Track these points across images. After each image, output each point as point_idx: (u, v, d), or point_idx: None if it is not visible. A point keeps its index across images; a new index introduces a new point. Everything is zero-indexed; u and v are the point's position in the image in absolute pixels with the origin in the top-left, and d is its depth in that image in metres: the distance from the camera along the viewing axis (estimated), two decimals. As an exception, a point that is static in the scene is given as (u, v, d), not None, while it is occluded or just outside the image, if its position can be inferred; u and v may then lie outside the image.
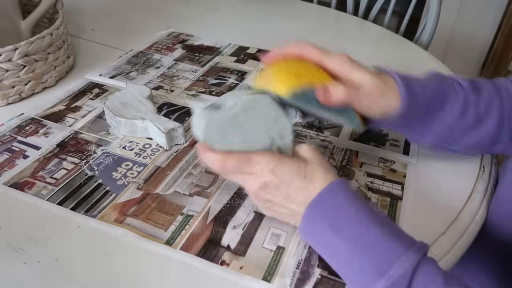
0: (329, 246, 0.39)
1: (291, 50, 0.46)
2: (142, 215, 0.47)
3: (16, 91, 0.64)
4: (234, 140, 0.42)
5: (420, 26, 1.03)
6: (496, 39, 1.94)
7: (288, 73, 0.43)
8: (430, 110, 0.47)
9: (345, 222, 0.38)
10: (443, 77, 0.50)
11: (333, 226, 0.39)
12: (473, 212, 0.49)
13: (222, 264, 0.43)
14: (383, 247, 0.36)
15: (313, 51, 0.45)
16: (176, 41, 0.85)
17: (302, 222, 0.41)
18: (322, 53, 0.45)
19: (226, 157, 0.41)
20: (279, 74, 0.43)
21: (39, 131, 0.59)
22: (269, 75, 0.44)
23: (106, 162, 0.54)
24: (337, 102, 0.42)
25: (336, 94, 0.42)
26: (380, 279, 0.35)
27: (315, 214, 0.40)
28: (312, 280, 0.41)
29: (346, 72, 0.44)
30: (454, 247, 0.46)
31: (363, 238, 0.37)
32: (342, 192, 0.40)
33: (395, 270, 0.35)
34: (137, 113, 0.59)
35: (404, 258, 0.35)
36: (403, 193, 0.52)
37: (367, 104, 0.44)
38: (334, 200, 0.40)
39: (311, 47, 0.45)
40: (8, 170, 0.53)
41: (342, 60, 0.45)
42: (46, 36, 0.65)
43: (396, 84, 0.45)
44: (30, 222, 0.46)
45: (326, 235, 0.39)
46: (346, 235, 0.38)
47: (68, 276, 0.41)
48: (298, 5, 1.08)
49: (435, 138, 0.50)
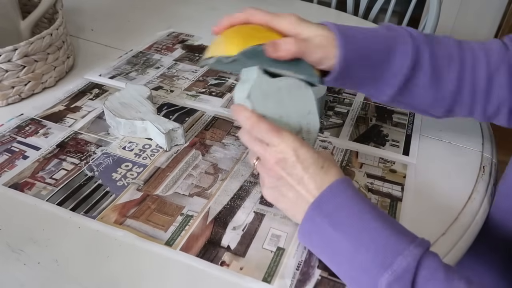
0: (331, 245, 0.39)
1: (238, 17, 0.47)
2: (142, 217, 0.47)
3: (15, 91, 0.64)
4: (269, 110, 0.44)
5: (420, 26, 1.03)
6: (496, 39, 1.94)
7: (237, 35, 0.45)
8: (376, 60, 0.46)
9: (347, 220, 0.39)
10: (393, 28, 0.49)
11: (335, 225, 0.39)
12: (473, 213, 0.49)
13: (222, 264, 0.43)
14: (385, 243, 0.36)
15: (260, 15, 0.46)
16: (176, 41, 0.85)
17: (304, 222, 0.41)
18: (270, 15, 0.46)
19: (260, 118, 0.43)
20: (228, 37, 0.45)
21: (38, 132, 0.59)
22: (220, 40, 0.45)
23: (106, 162, 0.54)
24: (287, 54, 0.43)
25: (286, 46, 0.43)
26: (384, 274, 0.35)
27: (317, 213, 0.40)
28: (312, 281, 0.41)
29: (295, 30, 0.45)
30: (454, 247, 0.46)
31: (365, 235, 0.37)
32: (345, 190, 0.40)
33: (398, 264, 0.35)
34: (136, 113, 0.58)
35: (407, 252, 0.35)
36: (403, 194, 0.52)
37: (318, 56, 0.44)
38: (336, 199, 0.40)
39: (257, 11, 0.46)
40: (8, 171, 0.53)
41: (291, 19, 0.45)
42: (45, 36, 0.65)
43: (334, 35, 0.45)
44: (30, 223, 0.46)
45: (328, 234, 0.39)
46: (347, 232, 0.38)
47: (68, 277, 0.41)
48: (298, 5, 1.08)
49: (393, 95, 0.48)
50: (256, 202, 0.50)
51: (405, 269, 0.34)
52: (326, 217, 0.39)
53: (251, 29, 0.46)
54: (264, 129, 0.42)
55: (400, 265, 0.35)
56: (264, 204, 0.49)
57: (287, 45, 0.43)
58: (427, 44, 0.47)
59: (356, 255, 0.37)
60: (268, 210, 0.49)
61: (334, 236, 0.39)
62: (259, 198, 0.50)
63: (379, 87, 0.48)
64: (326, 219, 0.39)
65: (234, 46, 0.43)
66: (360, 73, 0.47)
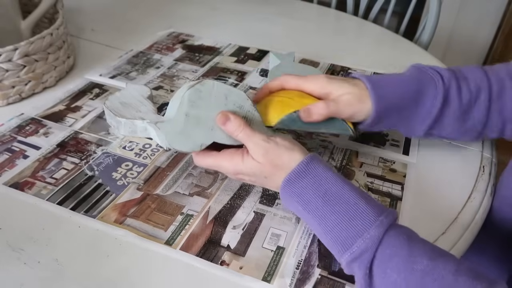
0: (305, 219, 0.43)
1: (273, 85, 0.51)
2: (142, 216, 0.47)
3: (16, 91, 0.65)
4: (198, 137, 0.45)
5: (420, 26, 1.03)
6: (496, 39, 1.94)
7: (273, 105, 0.49)
8: (406, 105, 0.50)
9: (314, 203, 0.41)
10: (422, 71, 0.52)
11: (304, 205, 0.41)
12: (473, 212, 0.49)
13: (222, 264, 0.43)
14: (347, 225, 0.38)
15: (293, 81, 0.50)
16: (176, 41, 0.85)
17: (281, 197, 0.44)
18: (301, 80, 0.50)
19: (198, 159, 0.47)
20: (266, 109, 0.49)
21: (39, 131, 0.59)
22: (260, 111, 0.48)
23: (106, 162, 0.55)
24: (319, 118, 0.47)
25: (317, 111, 0.47)
26: (343, 254, 0.38)
27: (288, 193, 0.43)
28: (312, 280, 0.41)
29: (325, 90, 0.49)
30: (454, 247, 0.46)
31: (329, 217, 0.40)
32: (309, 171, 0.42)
33: (358, 246, 0.37)
34: (137, 113, 0.58)
35: (366, 234, 0.37)
36: (403, 193, 0.52)
37: (349, 113, 0.48)
38: (301, 182, 0.42)
39: (290, 78, 0.51)
40: (8, 170, 0.53)
41: (320, 81, 0.50)
42: (46, 36, 0.65)
43: (366, 87, 0.49)
44: (30, 222, 0.46)
45: (299, 211, 0.43)
46: (314, 214, 0.41)
47: (68, 276, 0.41)
48: (298, 5, 1.08)
49: (425, 130, 0.52)
50: (256, 202, 0.50)
51: (364, 250, 0.37)
52: (295, 195, 0.42)
53: (286, 97, 0.50)
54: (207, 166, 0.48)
55: (359, 247, 0.37)
56: (264, 203, 0.49)
57: (319, 110, 0.47)
58: (455, 81, 0.50)
59: (324, 236, 0.40)
60: (268, 210, 0.49)
61: (305, 215, 0.42)
62: (259, 198, 0.50)
63: (410, 127, 0.52)
64: (295, 198, 0.42)
65: (272, 117, 0.48)
66: (391, 119, 0.51)
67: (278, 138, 0.44)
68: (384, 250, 0.36)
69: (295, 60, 0.73)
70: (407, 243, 0.36)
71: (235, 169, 0.45)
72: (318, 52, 0.82)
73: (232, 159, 0.45)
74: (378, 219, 0.38)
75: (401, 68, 0.55)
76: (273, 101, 0.49)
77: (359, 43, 0.91)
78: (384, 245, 0.37)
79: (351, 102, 0.48)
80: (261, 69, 0.76)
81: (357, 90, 0.49)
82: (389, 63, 0.80)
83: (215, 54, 0.81)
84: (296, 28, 0.94)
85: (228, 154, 0.45)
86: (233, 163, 0.45)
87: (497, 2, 1.84)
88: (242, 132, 0.44)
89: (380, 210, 0.39)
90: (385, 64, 0.80)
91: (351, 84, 0.49)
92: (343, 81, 0.50)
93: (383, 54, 0.86)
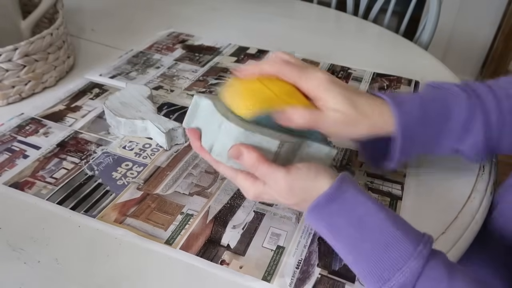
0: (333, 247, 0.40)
1: (267, 69, 0.43)
2: (142, 216, 0.47)
3: (16, 91, 0.65)
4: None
5: (420, 26, 1.03)
6: (496, 39, 1.94)
7: (254, 94, 0.41)
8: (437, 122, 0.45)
9: (345, 230, 0.38)
10: (439, 88, 0.48)
11: (333, 232, 0.39)
12: (473, 212, 0.49)
13: (222, 263, 0.43)
14: (383, 257, 0.36)
15: (289, 73, 0.42)
16: (176, 41, 0.85)
17: (307, 217, 0.41)
18: (298, 73, 0.42)
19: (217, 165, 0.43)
20: (245, 94, 0.42)
21: (39, 131, 0.59)
22: (237, 90, 0.42)
23: (106, 162, 0.55)
24: (297, 127, 0.41)
25: (297, 120, 0.40)
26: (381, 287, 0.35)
27: (314, 218, 0.40)
28: (312, 279, 0.41)
29: (320, 95, 0.42)
30: (454, 246, 0.46)
31: (363, 245, 0.37)
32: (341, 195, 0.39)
33: (397, 279, 0.35)
34: (137, 113, 0.59)
35: (405, 268, 0.35)
36: (402, 193, 0.52)
37: (333, 132, 0.43)
38: (330, 207, 0.38)
39: (287, 67, 0.42)
40: (8, 170, 0.53)
41: (318, 82, 0.42)
42: (46, 36, 0.65)
43: (387, 105, 0.43)
44: (30, 222, 0.46)
45: (328, 238, 0.40)
46: (345, 242, 0.38)
47: (68, 276, 0.41)
48: (298, 5, 1.08)
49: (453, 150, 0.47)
50: (256, 201, 0.50)
51: (402, 284, 0.34)
52: (323, 221, 0.39)
53: (273, 91, 0.42)
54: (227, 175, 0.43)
55: (398, 280, 0.34)
56: (264, 203, 0.49)
57: (299, 119, 0.40)
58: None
59: (355, 265, 0.38)
60: (268, 209, 0.49)
61: (333, 244, 0.39)
62: (259, 197, 0.50)
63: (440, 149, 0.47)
64: (323, 223, 0.39)
65: (247, 108, 0.40)
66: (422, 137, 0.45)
67: (301, 168, 0.40)
68: (423, 283, 0.34)
69: None
70: (446, 276, 0.35)
71: (255, 195, 0.41)
72: (318, 52, 0.82)
73: (254, 183, 0.41)
74: (417, 249, 0.35)
75: (401, 68, 0.55)
76: (255, 87, 0.42)
77: (359, 43, 0.91)
78: (423, 278, 0.34)
79: (337, 122, 0.42)
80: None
81: (353, 111, 0.41)
82: (389, 63, 0.80)
83: (215, 54, 0.81)
84: (296, 28, 0.94)
85: (251, 178, 0.41)
86: (254, 188, 0.41)
87: (497, 2, 1.84)
88: (258, 170, 0.40)
89: (417, 238, 0.36)
90: (385, 64, 0.79)
91: (351, 102, 0.42)
92: (345, 94, 0.42)
93: (383, 54, 0.86)
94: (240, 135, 0.39)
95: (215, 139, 0.41)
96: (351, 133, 0.43)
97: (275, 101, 0.41)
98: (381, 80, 0.73)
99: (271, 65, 0.43)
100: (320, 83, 0.42)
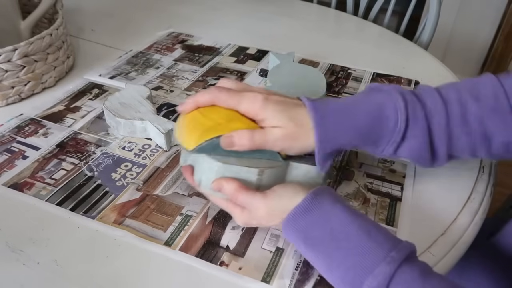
0: (307, 256, 0.41)
1: (201, 100, 0.43)
2: (141, 217, 0.47)
3: (15, 91, 0.64)
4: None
5: (420, 26, 1.03)
6: (496, 39, 1.94)
7: (195, 127, 0.42)
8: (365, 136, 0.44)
9: (318, 240, 0.38)
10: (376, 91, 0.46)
11: (306, 242, 0.39)
12: (472, 213, 0.49)
13: (221, 265, 0.43)
14: (354, 263, 0.36)
15: (226, 99, 0.43)
16: (176, 41, 0.85)
17: (283, 231, 0.41)
18: (234, 98, 0.43)
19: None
20: (187, 128, 0.43)
21: (38, 132, 0.59)
22: (182, 126, 0.43)
23: (106, 162, 0.54)
24: (241, 149, 0.41)
25: (240, 142, 0.41)
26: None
27: (289, 230, 0.40)
28: (311, 281, 0.41)
29: (259, 115, 0.42)
30: (454, 247, 0.46)
31: (336, 254, 0.37)
32: (314, 207, 0.39)
33: (367, 285, 0.35)
34: (136, 113, 0.59)
35: (376, 271, 0.35)
36: (402, 194, 0.52)
37: (279, 148, 0.43)
38: (305, 218, 0.39)
39: (222, 94, 0.43)
40: (8, 171, 0.53)
41: (255, 102, 0.42)
42: (45, 36, 0.65)
43: (309, 113, 0.43)
44: (30, 223, 0.46)
45: (302, 250, 0.40)
46: (319, 252, 0.39)
47: (67, 277, 0.41)
48: (298, 5, 1.08)
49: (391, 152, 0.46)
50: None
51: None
52: (297, 232, 0.39)
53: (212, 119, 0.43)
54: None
55: (370, 285, 0.35)
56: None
57: (241, 140, 0.41)
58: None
59: (329, 274, 0.38)
60: (267, 210, 0.49)
61: (309, 255, 0.40)
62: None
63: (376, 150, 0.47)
64: (299, 234, 0.39)
65: (191, 141, 0.42)
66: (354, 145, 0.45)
67: (276, 190, 0.41)
68: (396, 286, 0.34)
69: (294, 60, 0.73)
70: (420, 279, 0.34)
71: (244, 222, 0.43)
72: (318, 52, 0.82)
73: (242, 212, 0.42)
74: (389, 254, 0.35)
75: (401, 68, 0.54)
76: (196, 120, 0.43)
77: (359, 43, 0.90)
78: (396, 281, 0.34)
79: (282, 138, 0.41)
80: (261, 69, 0.76)
81: (292, 126, 0.41)
82: (389, 63, 0.80)
83: (215, 54, 0.81)
84: (296, 28, 0.94)
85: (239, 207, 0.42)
86: (243, 216, 0.42)
87: (497, 2, 1.84)
88: (238, 200, 0.41)
89: (392, 244, 0.36)
90: (385, 64, 0.79)
91: (288, 117, 0.42)
92: (281, 109, 0.42)
93: (383, 54, 0.85)
94: (220, 168, 0.41)
95: (201, 174, 0.43)
96: (300, 146, 0.43)
97: (217, 129, 0.41)
98: (381, 80, 0.73)
99: (204, 95, 0.43)
100: (255, 102, 0.42)
